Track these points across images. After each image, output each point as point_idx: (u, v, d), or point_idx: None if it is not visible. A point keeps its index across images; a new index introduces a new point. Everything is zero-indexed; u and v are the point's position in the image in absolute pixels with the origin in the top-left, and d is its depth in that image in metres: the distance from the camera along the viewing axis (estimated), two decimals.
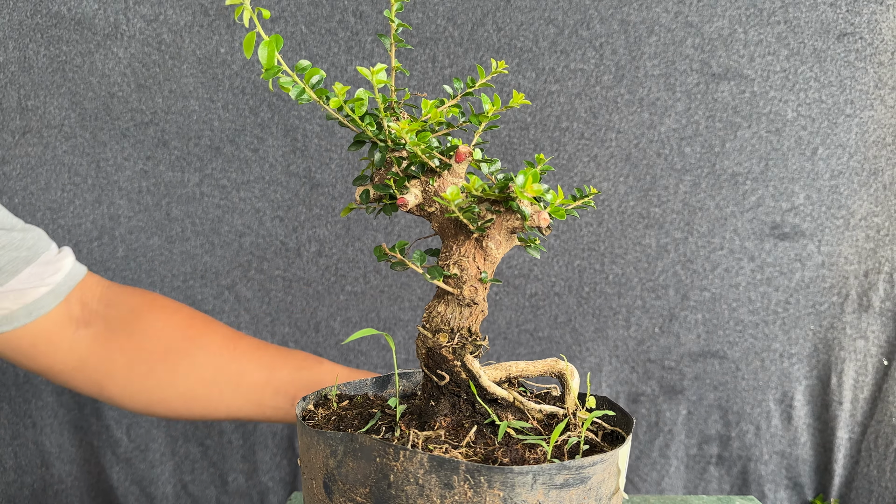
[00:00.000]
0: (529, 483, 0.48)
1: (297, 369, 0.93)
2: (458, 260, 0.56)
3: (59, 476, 1.20)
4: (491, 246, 0.55)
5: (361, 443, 0.51)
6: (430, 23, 1.11)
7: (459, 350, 0.57)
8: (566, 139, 1.16)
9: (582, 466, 0.49)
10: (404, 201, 0.55)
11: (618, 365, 1.23)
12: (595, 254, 1.19)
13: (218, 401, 0.91)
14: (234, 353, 0.92)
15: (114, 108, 1.11)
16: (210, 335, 0.93)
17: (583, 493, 0.50)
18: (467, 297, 0.56)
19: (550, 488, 0.48)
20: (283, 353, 0.96)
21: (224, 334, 0.94)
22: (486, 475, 0.47)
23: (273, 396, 0.91)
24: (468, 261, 0.56)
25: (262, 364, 0.92)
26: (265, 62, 0.49)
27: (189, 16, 1.09)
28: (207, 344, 0.92)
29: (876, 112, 1.14)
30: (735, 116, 1.15)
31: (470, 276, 0.56)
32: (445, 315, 0.57)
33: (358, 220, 1.18)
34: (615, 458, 0.52)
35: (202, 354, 0.91)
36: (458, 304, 0.57)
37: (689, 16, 1.12)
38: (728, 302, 1.20)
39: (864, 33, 1.11)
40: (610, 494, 0.53)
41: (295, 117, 1.13)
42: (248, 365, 0.92)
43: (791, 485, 1.27)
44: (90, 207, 1.14)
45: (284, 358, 0.94)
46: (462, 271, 0.56)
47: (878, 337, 1.21)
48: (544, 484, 0.48)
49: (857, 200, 1.17)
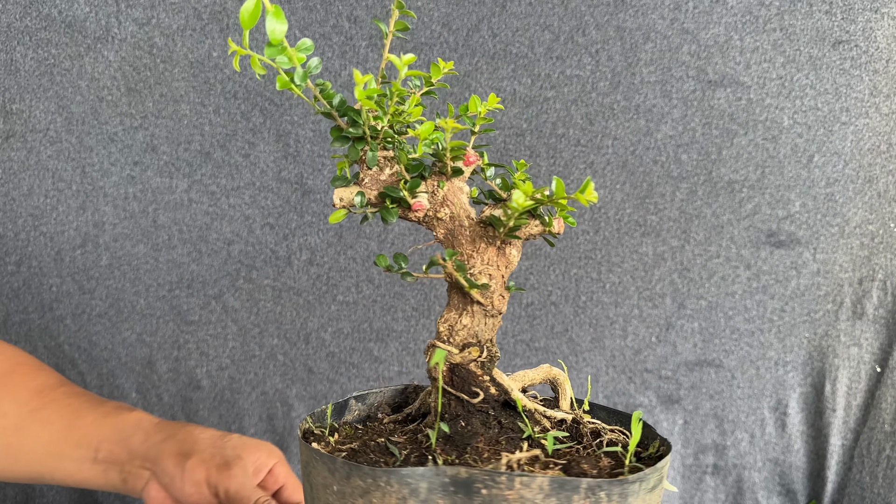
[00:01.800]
0: (636, 491, 0.47)
1: (102, 416, 0.85)
2: (482, 268, 0.53)
3: (40, 489, 1.17)
4: (514, 253, 0.53)
5: (453, 476, 0.44)
6: (425, 28, 1.10)
7: (488, 364, 0.54)
8: (562, 146, 1.15)
9: (660, 468, 0.49)
10: (421, 205, 0.52)
11: (615, 375, 1.22)
12: (592, 262, 1.18)
13: (17, 451, 0.84)
14: (42, 401, 0.85)
15: (102, 112, 1.09)
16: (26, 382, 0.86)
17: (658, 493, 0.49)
18: (496, 307, 0.53)
19: (647, 493, 0.48)
20: (94, 401, 0.88)
21: (45, 382, 0.87)
22: (606, 489, 0.45)
23: (75, 448, 0.83)
24: (494, 269, 0.53)
25: (68, 411, 0.85)
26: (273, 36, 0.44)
27: (182, 19, 1.07)
28: (17, 391, 0.85)
29: (871, 120, 1.14)
30: (731, 123, 1.15)
31: (498, 286, 0.53)
32: (472, 328, 0.54)
33: (350, 228, 1.16)
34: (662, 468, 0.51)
35: (8, 402, 0.84)
36: (484, 315, 0.54)
37: (685, 22, 1.12)
38: (724, 310, 1.20)
39: (860, 41, 1.12)
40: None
41: (287, 122, 1.12)
42: (53, 413, 0.84)
43: (784, 492, 1.27)
44: (74, 214, 1.11)
45: (93, 405, 0.87)
46: (490, 279, 0.53)
47: (872, 344, 1.21)
48: (645, 489, 0.47)
49: (852, 208, 1.17)
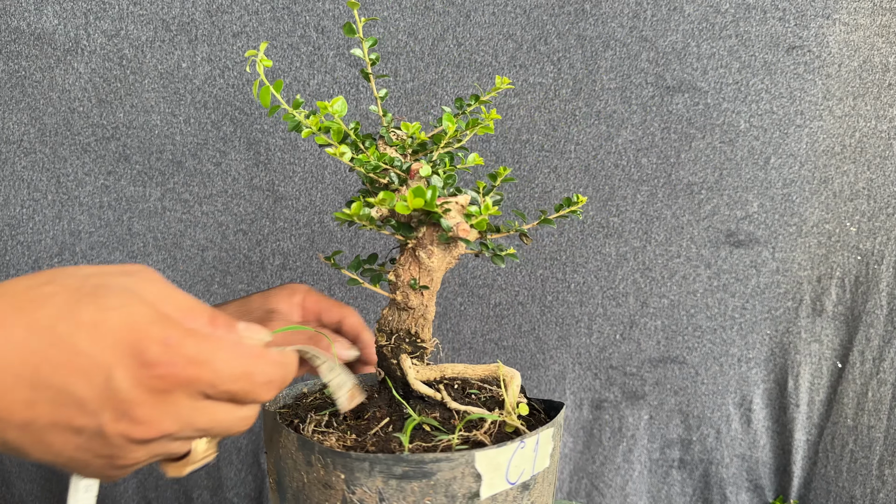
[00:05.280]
0: (367, 469, 0.53)
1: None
2: (396, 268, 0.63)
3: (19, 495, 1.18)
4: (423, 255, 0.61)
5: (276, 422, 0.59)
6: (391, 38, 1.13)
7: (396, 350, 0.64)
8: (527, 151, 1.18)
9: (423, 462, 0.53)
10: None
11: (581, 372, 1.25)
12: (557, 263, 1.21)
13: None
14: None
15: (74, 123, 1.11)
16: None
17: (427, 487, 0.53)
18: (400, 302, 0.62)
19: (389, 477, 0.53)
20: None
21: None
22: (331, 458, 0.54)
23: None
24: (403, 269, 0.62)
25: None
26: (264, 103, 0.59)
27: (150, 31, 1.09)
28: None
29: (825, 122, 1.17)
30: (689, 128, 1.18)
31: (403, 283, 0.62)
32: (387, 318, 0.64)
33: (322, 233, 1.18)
34: (468, 459, 0.53)
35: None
36: (397, 309, 0.63)
37: (643, 30, 1.15)
38: (686, 308, 1.23)
39: (812, 46, 1.15)
40: (468, 496, 0.54)
41: (258, 131, 1.14)
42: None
43: (752, 487, 1.29)
44: (50, 223, 1.13)
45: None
46: (397, 278, 0.62)
47: (832, 340, 1.24)
48: (382, 472, 0.53)
49: (808, 208, 1.20)
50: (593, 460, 1.28)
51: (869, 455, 1.23)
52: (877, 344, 1.21)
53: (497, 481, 0.54)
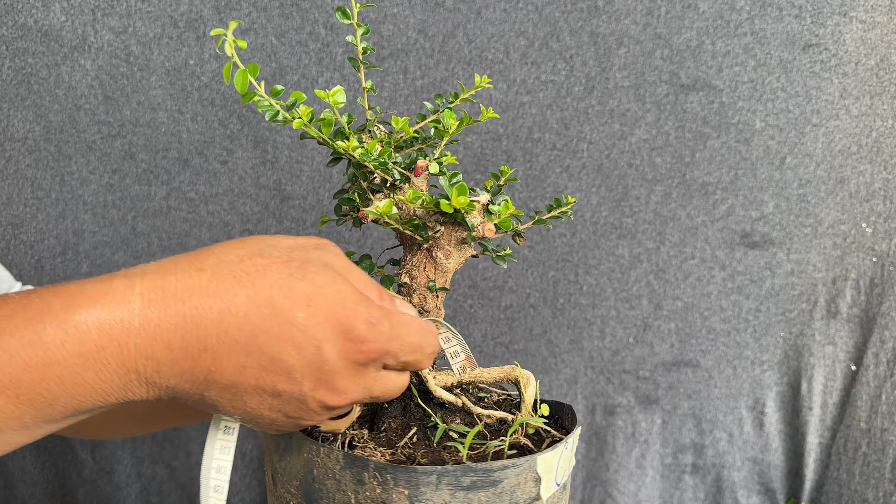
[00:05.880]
0: (434, 483, 0.50)
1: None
2: (409, 269, 0.60)
3: (22, 499, 1.17)
4: (440, 256, 0.59)
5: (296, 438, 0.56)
6: (400, 35, 1.11)
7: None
8: (538, 150, 1.16)
9: (490, 470, 0.51)
10: (363, 214, 0.58)
11: (593, 376, 1.23)
12: (569, 265, 1.20)
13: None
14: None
15: (80, 120, 1.09)
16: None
17: (493, 496, 0.51)
18: (417, 306, 0.60)
19: (457, 489, 0.50)
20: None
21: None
22: (392, 473, 0.50)
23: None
24: (419, 270, 0.60)
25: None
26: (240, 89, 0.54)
27: (158, 28, 1.08)
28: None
29: (841, 122, 1.16)
30: (704, 127, 1.16)
31: (419, 285, 0.60)
32: None
33: (329, 234, 1.17)
34: (531, 463, 0.53)
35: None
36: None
37: (657, 28, 1.13)
38: (700, 311, 1.21)
39: (829, 44, 1.14)
40: (528, 501, 0.53)
41: (265, 129, 1.12)
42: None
43: (764, 490, 1.28)
44: (54, 222, 1.11)
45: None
46: (412, 280, 0.60)
47: (846, 343, 1.23)
48: (449, 485, 0.50)
49: (824, 209, 1.19)
50: (607, 467, 1.27)
51: (882, 458, 1.21)
52: (891, 346, 1.20)
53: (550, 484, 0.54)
